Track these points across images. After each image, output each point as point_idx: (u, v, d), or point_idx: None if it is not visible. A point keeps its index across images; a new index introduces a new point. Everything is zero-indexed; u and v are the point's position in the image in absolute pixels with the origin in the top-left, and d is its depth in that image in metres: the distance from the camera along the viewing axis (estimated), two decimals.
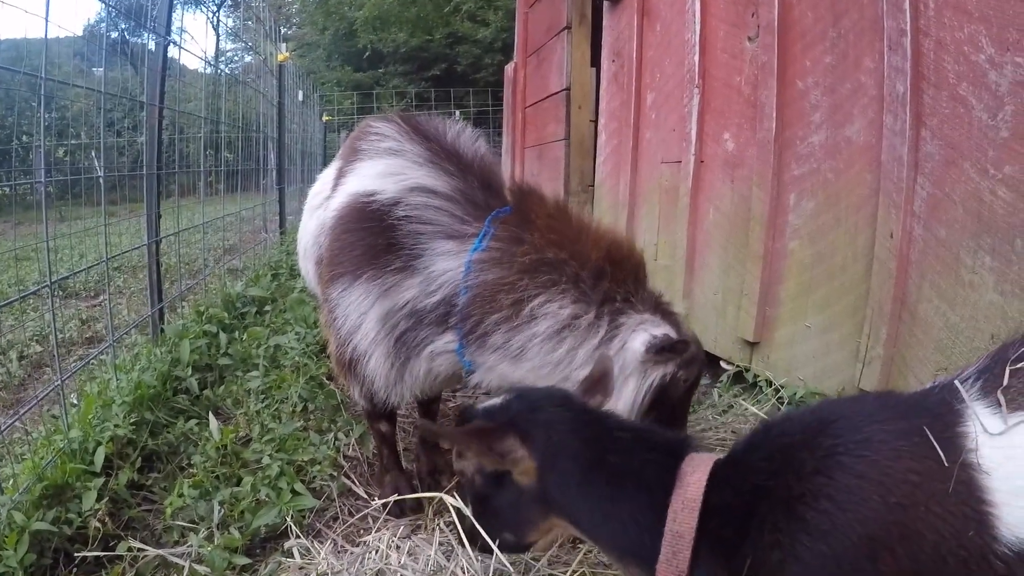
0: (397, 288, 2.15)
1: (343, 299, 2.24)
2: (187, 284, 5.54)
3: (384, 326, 2.19)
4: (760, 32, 3.12)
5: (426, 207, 2.16)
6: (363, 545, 2.25)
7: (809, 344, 2.91)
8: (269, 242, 8.26)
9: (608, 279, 1.99)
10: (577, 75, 5.96)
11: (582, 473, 1.42)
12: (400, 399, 2.37)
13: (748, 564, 1.23)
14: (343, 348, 2.31)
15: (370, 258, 2.18)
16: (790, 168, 2.99)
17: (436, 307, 2.13)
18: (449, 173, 2.24)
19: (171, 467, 2.81)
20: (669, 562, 1.29)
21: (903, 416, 1.24)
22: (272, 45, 9.01)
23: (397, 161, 2.28)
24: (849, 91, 2.67)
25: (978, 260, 2.17)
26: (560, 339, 1.96)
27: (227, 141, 7.65)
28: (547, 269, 1.99)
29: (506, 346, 2.02)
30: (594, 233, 2.10)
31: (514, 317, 1.98)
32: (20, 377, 4.56)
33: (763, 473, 1.28)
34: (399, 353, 2.22)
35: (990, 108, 2.10)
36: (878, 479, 1.16)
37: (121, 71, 8.17)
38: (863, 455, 1.19)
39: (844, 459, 1.20)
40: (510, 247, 2.04)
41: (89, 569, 2.24)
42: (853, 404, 1.38)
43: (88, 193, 7.59)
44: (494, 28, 21.02)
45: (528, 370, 2.02)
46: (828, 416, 1.31)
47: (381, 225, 2.18)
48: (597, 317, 1.97)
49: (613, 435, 1.46)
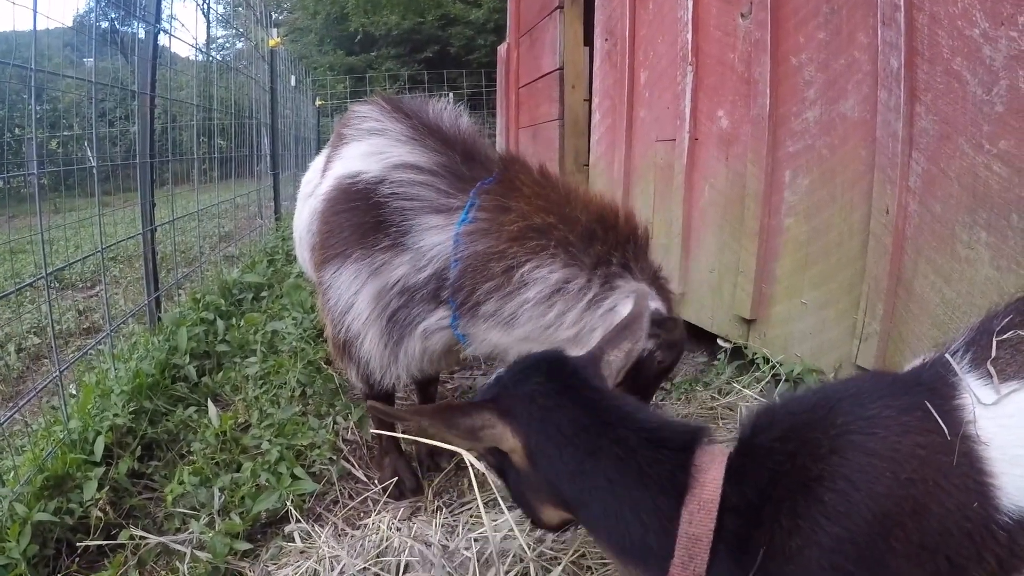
0: (387, 266, 2.15)
1: (335, 281, 2.24)
2: (183, 272, 5.54)
3: (376, 306, 2.19)
4: (753, 8, 3.11)
5: (411, 183, 2.15)
6: (364, 528, 2.26)
7: (806, 321, 2.91)
8: (264, 228, 8.24)
9: (600, 242, 1.98)
10: (570, 55, 5.93)
11: (575, 462, 1.32)
12: (396, 380, 2.36)
13: (762, 553, 1.19)
14: (338, 330, 2.31)
15: (359, 238, 2.19)
16: (785, 145, 2.99)
17: (427, 283, 2.13)
18: (431, 148, 2.23)
19: (171, 455, 2.82)
20: (685, 566, 1.22)
21: (904, 392, 1.23)
22: (263, 31, 8.97)
23: (379, 140, 2.28)
24: (843, 67, 2.66)
25: (974, 235, 2.17)
26: (550, 303, 1.96)
27: (220, 128, 7.61)
28: (535, 235, 1.99)
29: (498, 314, 2.02)
30: (583, 197, 2.10)
31: (505, 284, 1.98)
32: (19, 369, 4.56)
33: (777, 457, 1.23)
34: (392, 333, 2.22)
35: (984, 83, 2.10)
36: (889, 455, 1.15)
37: (112, 61, 8.13)
38: (873, 432, 1.18)
39: (855, 437, 1.19)
40: (497, 216, 2.04)
41: (91, 558, 2.26)
42: (854, 383, 1.35)
43: (82, 184, 7.59)
44: (486, 9, 20.97)
45: (520, 337, 2.03)
46: (833, 395, 1.29)
47: (367, 204, 2.18)
48: (588, 280, 1.96)
49: (614, 420, 1.34)
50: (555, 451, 1.33)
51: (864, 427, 1.19)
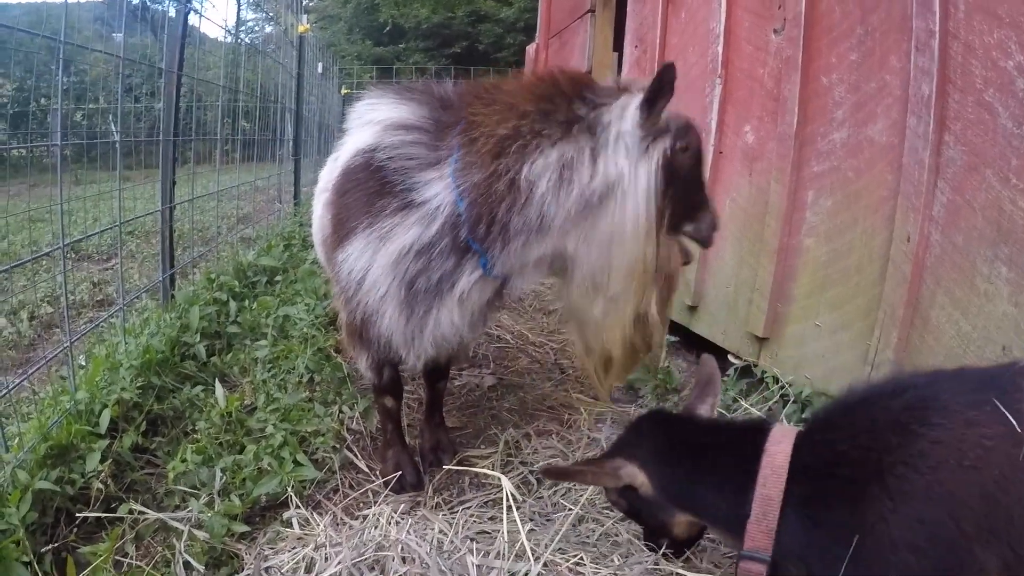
0: (399, 228, 2.08)
1: (345, 259, 2.17)
2: (199, 251, 5.55)
3: (393, 276, 2.10)
4: (786, 25, 3.09)
5: (403, 144, 2.12)
6: (362, 519, 2.26)
7: (819, 343, 2.89)
8: (283, 212, 8.25)
9: (560, 111, 1.98)
10: (599, 59, 5.93)
11: (685, 472, 1.68)
12: (422, 356, 2.28)
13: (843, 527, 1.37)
14: (352, 312, 2.25)
15: (365, 209, 2.14)
16: (810, 164, 2.97)
17: (441, 235, 2.06)
18: (415, 102, 2.21)
19: (175, 432, 2.83)
20: (759, 521, 1.47)
21: (976, 389, 1.35)
22: (293, 16, 8.98)
23: (373, 114, 2.27)
24: (874, 90, 2.65)
25: (994, 270, 2.15)
26: (565, 180, 1.94)
27: (245, 111, 7.61)
28: (509, 142, 1.96)
29: (527, 225, 1.98)
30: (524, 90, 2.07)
31: (517, 196, 1.95)
32: (30, 337, 4.58)
33: (848, 443, 1.43)
34: (415, 303, 2.13)
35: (1016, 116, 2.08)
36: (955, 445, 1.29)
37: (141, 37, 8.15)
38: (939, 423, 1.32)
39: (921, 426, 1.34)
40: (472, 147, 2.02)
41: (89, 529, 2.27)
42: (931, 375, 1.52)
43: (104, 157, 7.60)
44: (517, 8, 20.95)
45: (560, 232, 2.00)
46: (907, 384, 1.47)
47: (368, 173, 2.15)
48: (578, 140, 1.95)
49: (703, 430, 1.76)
50: (670, 469, 1.71)
51: (930, 417, 1.34)
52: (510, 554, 1.97)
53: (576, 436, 2.93)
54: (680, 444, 1.73)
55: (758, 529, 1.47)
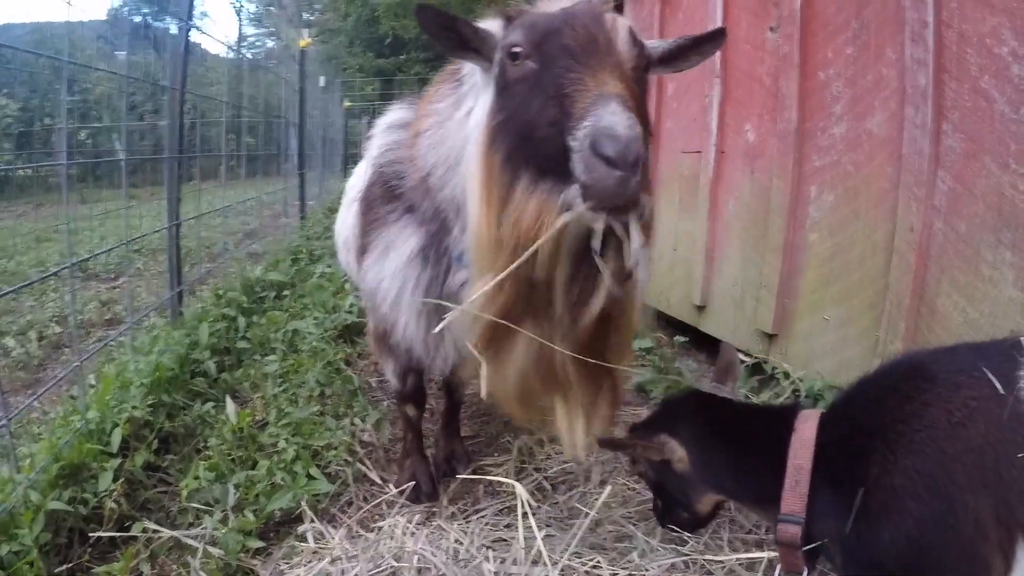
0: (403, 234, 2.04)
1: (368, 270, 2.14)
2: (206, 267, 5.58)
3: (404, 281, 2.03)
4: (782, 22, 3.09)
5: (398, 145, 2.11)
6: (378, 531, 2.25)
7: (827, 337, 2.89)
8: (289, 227, 8.28)
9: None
10: None
11: (723, 455, 1.82)
12: (446, 364, 2.20)
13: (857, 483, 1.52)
14: (377, 320, 2.24)
15: (380, 216, 2.12)
16: (811, 160, 2.97)
17: (432, 240, 2.00)
18: (413, 102, 2.19)
19: (187, 449, 2.83)
20: (792, 490, 1.61)
21: (965, 359, 1.51)
22: (294, 31, 9.02)
23: (390, 118, 2.27)
24: (871, 83, 2.64)
25: (998, 255, 2.15)
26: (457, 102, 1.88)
27: (248, 126, 7.66)
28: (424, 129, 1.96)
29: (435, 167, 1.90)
30: None
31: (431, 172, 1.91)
32: (39, 357, 4.60)
33: (864, 415, 1.59)
34: (428, 309, 2.01)
35: (1012, 102, 2.08)
36: (943, 405, 1.44)
37: (144, 55, 8.20)
38: (928, 388, 1.49)
39: (914, 392, 1.50)
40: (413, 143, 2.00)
41: (103, 549, 2.27)
42: (935, 352, 1.70)
43: (109, 175, 7.65)
44: None
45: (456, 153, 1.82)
46: (910, 360, 1.67)
47: (379, 179, 2.14)
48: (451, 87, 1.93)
49: (740, 413, 1.91)
50: (709, 448, 1.84)
51: (921, 383, 1.51)
52: (527, 560, 1.96)
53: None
54: (720, 426, 1.86)
55: (793, 495, 1.61)
